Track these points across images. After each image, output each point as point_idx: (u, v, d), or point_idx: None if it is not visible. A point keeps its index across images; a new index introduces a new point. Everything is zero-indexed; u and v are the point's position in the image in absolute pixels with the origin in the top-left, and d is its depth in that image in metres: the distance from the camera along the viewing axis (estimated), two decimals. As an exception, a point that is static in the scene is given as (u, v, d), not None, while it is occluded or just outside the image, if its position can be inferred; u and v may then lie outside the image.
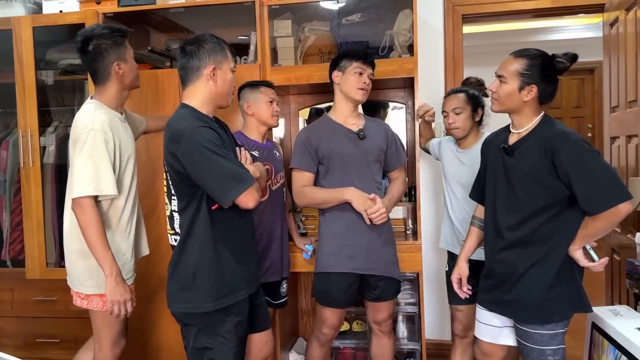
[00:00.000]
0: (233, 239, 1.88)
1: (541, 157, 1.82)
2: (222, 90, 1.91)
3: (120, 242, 2.09)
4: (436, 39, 3.22)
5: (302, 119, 3.36)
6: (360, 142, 2.36)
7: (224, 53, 1.90)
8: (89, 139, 1.96)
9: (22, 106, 2.94)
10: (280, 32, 2.93)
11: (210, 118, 1.91)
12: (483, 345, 2.11)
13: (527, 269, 1.87)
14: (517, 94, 1.87)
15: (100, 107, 2.07)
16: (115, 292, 1.97)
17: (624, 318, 1.99)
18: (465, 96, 2.45)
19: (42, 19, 2.95)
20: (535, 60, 1.87)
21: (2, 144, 3.16)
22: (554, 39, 6.58)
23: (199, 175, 1.77)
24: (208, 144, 1.74)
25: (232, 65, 1.93)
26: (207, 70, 1.86)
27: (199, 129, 1.77)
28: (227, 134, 1.99)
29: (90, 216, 1.94)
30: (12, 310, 3.13)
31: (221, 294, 1.84)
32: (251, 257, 1.98)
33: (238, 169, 1.78)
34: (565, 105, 7.36)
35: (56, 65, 3.11)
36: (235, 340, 1.87)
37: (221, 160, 1.74)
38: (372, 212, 2.23)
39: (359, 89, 2.33)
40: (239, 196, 1.74)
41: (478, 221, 2.15)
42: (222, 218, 1.85)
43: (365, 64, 2.35)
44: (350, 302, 2.38)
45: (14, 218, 3.13)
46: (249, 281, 1.94)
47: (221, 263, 1.85)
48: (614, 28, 2.84)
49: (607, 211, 1.71)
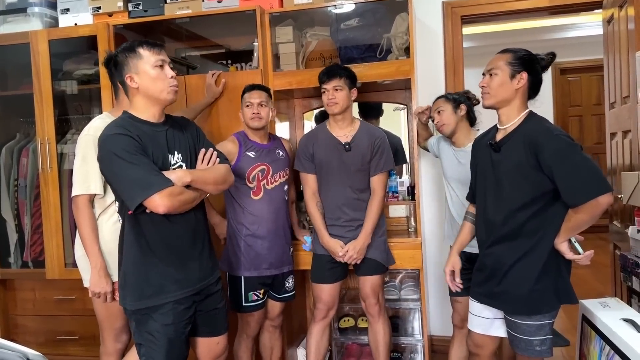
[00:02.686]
0: (159, 241, 1.89)
1: (526, 152, 1.88)
2: (149, 90, 1.90)
3: (108, 240, 2.19)
4: (436, 41, 3.28)
5: (307, 122, 3.46)
6: (345, 154, 2.57)
7: (136, 56, 1.89)
8: (81, 143, 2.18)
9: (40, 115, 3.10)
10: (282, 38, 3.03)
11: (148, 122, 1.92)
12: (475, 336, 2.17)
13: (515, 262, 1.93)
14: (509, 83, 1.94)
15: (104, 117, 2.24)
16: (96, 285, 2.16)
17: (611, 310, 2.03)
18: (444, 98, 2.60)
19: (57, 32, 3.11)
20: (519, 52, 1.97)
21: (22, 152, 3.34)
22: (568, 37, 6.57)
23: (110, 181, 1.88)
24: (118, 151, 1.78)
25: (152, 60, 1.89)
26: (127, 80, 1.90)
27: (113, 136, 1.82)
28: (183, 133, 2.00)
29: (82, 213, 2.15)
30: (34, 309, 3.30)
31: (144, 295, 1.88)
32: (187, 260, 1.95)
33: (146, 175, 1.77)
34: (585, 103, 7.32)
35: (72, 76, 3.27)
36: (164, 340, 1.88)
37: (128, 167, 1.77)
38: (345, 260, 2.57)
39: (328, 106, 2.56)
40: (144, 201, 1.76)
41: (471, 216, 2.22)
42: (146, 221, 1.87)
43: (326, 82, 2.54)
44: (334, 278, 2.66)
45: (34, 221, 3.29)
46: (183, 284, 1.92)
47: (145, 264, 1.89)
48: (610, 25, 2.87)
49: (587, 203, 1.77)
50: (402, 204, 3.18)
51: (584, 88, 7.31)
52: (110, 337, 2.29)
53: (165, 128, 1.95)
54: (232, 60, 3.35)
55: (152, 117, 1.93)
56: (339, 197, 2.59)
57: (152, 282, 1.89)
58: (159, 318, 1.88)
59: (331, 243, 2.58)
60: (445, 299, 3.12)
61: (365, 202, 2.61)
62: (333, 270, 2.65)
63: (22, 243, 3.35)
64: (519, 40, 6.53)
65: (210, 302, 2.05)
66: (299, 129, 3.42)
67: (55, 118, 3.14)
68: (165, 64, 1.91)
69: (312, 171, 2.63)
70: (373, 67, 2.83)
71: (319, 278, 2.67)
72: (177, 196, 1.80)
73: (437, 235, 3.28)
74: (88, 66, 3.26)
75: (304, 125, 3.43)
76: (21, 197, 3.33)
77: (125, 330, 2.32)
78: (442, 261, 3.20)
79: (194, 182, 1.88)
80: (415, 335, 3.04)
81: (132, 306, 1.90)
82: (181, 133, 2.00)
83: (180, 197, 1.82)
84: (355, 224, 2.59)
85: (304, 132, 3.41)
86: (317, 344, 2.70)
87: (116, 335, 2.30)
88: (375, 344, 2.70)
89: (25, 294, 3.31)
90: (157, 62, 1.89)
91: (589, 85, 7.30)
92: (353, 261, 2.58)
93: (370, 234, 2.57)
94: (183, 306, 1.92)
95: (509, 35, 6.45)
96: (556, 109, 7.09)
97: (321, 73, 2.58)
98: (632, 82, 2.43)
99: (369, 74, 2.82)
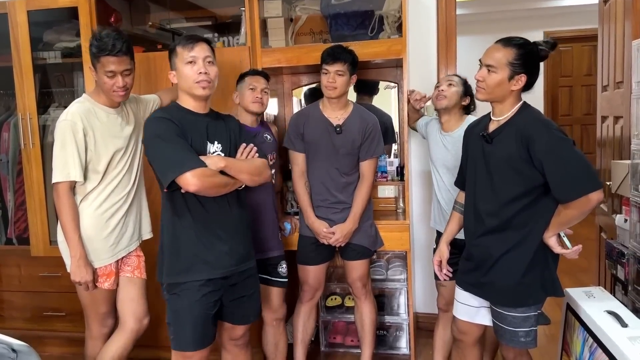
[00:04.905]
0: (192, 223, 1.99)
1: (517, 145, 1.86)
2: (182, 85, 2.02)
3: (88, 227, 2.17)
4: (428, 17, 3.20)
5: (296, 99, 3.39)
6: (335, 136, 2.53)
7: (174, 54, 2.00)
8: (59, 129, 2.12)
9: (20, 89, 3.00)
10: (270, 12, 2.93)
11: (192, 111, 2.02)
12: (460, 323, 2.19)
13: (504, 254, 1.93)
14: (507, 83, 1.89)
15: (83, 101, 2.19)
16: (76, 274, 2.13)
17: (596, 300, 2.05)
18: (460, 79, 2.54)
19: (36, 3, 2.96)
20: (523, 49, 1.89)
21: (3, 126, 3.25)
22: (555, 6, 6.45)
23: (151, 161, 1.95)
24: (158, 132, 1.92)
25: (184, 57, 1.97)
26: (170, 77, 2.05)
27: (155, 119, 1.97)
28: (225, 126, 2.11)
29: (63, 201, 2.11)
30: (20, 285, 3.27)
31: (174, 270, 2.00)
32: (218, 244, 2.03)
33: (181, 155, 1.87)
34: (576, 73, 7.28)
35: (53, 48, 3.15)
36: (189, 317, 1.98)
37: (166, 147, 1.89)
38: (330, 242, 2.57)
39: (327, 89, 2.49)
40: (177, 178, 1.84)
41: (459, 206, 2.21)
42: (179, 200, 1.98)
43: (329, 63, 2.45)
44: (320, 260, 2.67)
45: (18, 198, 3.24)
46: (214, 266, 2.01)
47: (177, 242, 2.01)
48: (607, 6, 2.81)
49: (578, 200, 1.76)
50: (391, 185, 3.17)
51: (575, 58, 7.25)
52: (95, 322, 2.28)
53: (207, 119, 2.05)
54: (218, 33, 3.25)
55: (194, 108, 2.04)
56: (325, 178, 2.58)
57: (182, 259, 1.99)
58: (186, 295, 1.98)
59: (316, 224, 2.57)
60: (431, 279, 3.16)
61: (352, 185, 2.60)
62: (319, 252, 2.65)
63: (6, 220, 3.30)
64: (511, 7, 6.44)
65: (238, 290, 2.11)
66: (288, 106, 3.36)
67: (37, 91, 3.05)
68: (198, 59, 1.96)
69: (302, 150, 2.61)
70: (364, 46, 2.75)
71: (305, 259, 2.68)
72: (208, 177, 1.88)
73: (425, 216, 3.28)
74: (70, 37, 3.15)
75: (292, 103, 3.37)
76: (3, 172, 3.26)
77: (111, 315, 2.32)
78: (429, 243, 3.23)
79: (227, 168, 1.95)
80: (401, 315, 3.07)
81: (164, 280, 2.02)
82: (223, 126, 2.10)
83: (212, 180, 1.89)
84: (341, 207, 2.58)
85: (293, 109, 3.36)
86: (304, 325, 2.73)
87: (101, 320, 2.29)
88: (361, 324, 2.74)
89: (10, 270, 3.27)
90: (188, 59, 1.96)
91: (580, 55, 7.23)
92: (338, 244, 2.58)
93: (358, 219, 2.57)
94: (210, 288, 2.00)
95: (501, 3, 6.34)
96: (547, 79, 7.04)
97: (325, 53, 2.48)
98: (627, 70, 2.39)
99: (360, 53, 2.70)
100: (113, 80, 2.11)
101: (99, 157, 2.16)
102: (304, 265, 2.68)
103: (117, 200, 2.23)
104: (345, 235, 2.55)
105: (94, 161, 2.16)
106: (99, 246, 2.19)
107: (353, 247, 2.62)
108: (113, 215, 2.22)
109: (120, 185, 2.24)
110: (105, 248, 2.21)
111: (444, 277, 2.23)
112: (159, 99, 2.50)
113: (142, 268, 2.36)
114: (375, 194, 3.08)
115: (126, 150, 2.25)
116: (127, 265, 2.32)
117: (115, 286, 2.27)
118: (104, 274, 2.22)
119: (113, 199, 2.22)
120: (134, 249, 2.33)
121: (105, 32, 2.11)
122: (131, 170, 2.28)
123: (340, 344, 3.14)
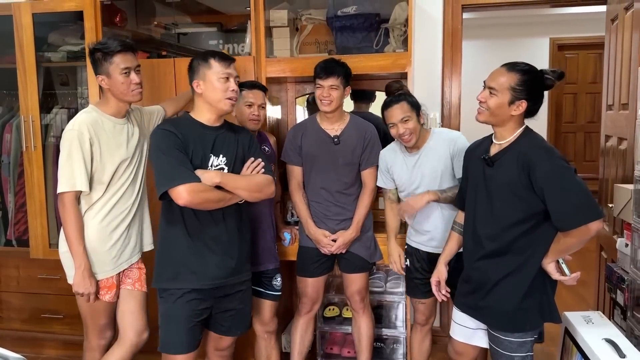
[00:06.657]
0: (183, 230, 2.05)
1: (519, 171, 1.85)
2: (209, 97, 2.07)
3: (93, 239, 2.17)
4: (434, 30, 3.20)
5: (300, 108, 3.38)
6: (334, 147, 2.54)
7: (207, 66, 2.05)
8: (65, 138, 2.12)
9: (23, 91, 3.00)
10: (276, 22, 2.92)
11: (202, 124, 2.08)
12: (456, 344, 2.19)
13: (502, 278, 1.93)
14: (507, 108, 1.88)
15: (90, 111, 2.18)
16: (80, 285, 2.14)
17: (594, 326, 2.05)
18: (407, 103, 2.33)
19: (42, 6, 2.96)
20: (526, 75, 1.88)
21: (6, 127, 3.25)
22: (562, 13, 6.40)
23: (153, 169, 2.01)
24: (159, 144, 1.99)
25: (220, 72, 2.04)
26: (194, 85, 2.09)
27: (159, 130, 2.05)
28: (236, 140, 2.14)
29: (68, 211, 2.11)
30: (19, 286, 3.28)
31: (162, 277, 2.08)
32: (208, 256, 2.06)
33: (176, 168, 1.92)
34: (581, 80, 7.25)
35: (57, 50, 3.14)
36: (174, 323, 2.04)
37: (164, 159, 1.95)
38: (333, 250, 2.57)
39: (322, 104, 2.49)
40: (169, 190, 1.90)
41: (458, 226, 2.20)
42: (175, 209, 2.03)
43: (322, 78, 2.45)
44: (318, 272, 2.66)
45: (18, 199, 3.24)
46: (200, 276, 2.05)
47: (168, 249, 2.08)
48: (614, 25, 2.79)
49: (578, 228, 1.76)
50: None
51: (580, 65, 7.22)
52: (94, 333, 2.28)
53: (217, 132, 2.09)
54: (224, 41, 3.23)
55: (207, 121, 2.09)
56: (324, 190, 2.58)
57: (171, 267, 2.06)
58: (171, 300, 2.04)
59: (317, 233, 2.57)
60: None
61: (351, 197, 2.60)
62: (319, 263, 2.65)
63: (6, 221, 3.30)
64: (518, 14, 6.39)
65: (228, 302, 2.15)
66: (291, 114, 3.35)
67: (40, 93, 3.05)
68: (232, 77, 2.06)
69: (299, 163, 2.63)
70: (369, 59, 2.75)
71: (305, 271, 2.67)
72: (199, 192, 1.91)
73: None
74: (74, 40, 3.14)
75: (296, 110, 3.36)
76: (4, 174, 3.26)
77: (110, 327, 2.32)
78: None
79: (223, 184, 1.99)
80: (398, 327, 3.07)
81: (153, 284, 2.10)
82: (233, 140, 2.13)
83: (204, 195, 1.93)
84: (340, 218, 2.58)
85: (296, 116, 3.35)
86: (302, 337, 2.73)
87: (100, 332, 2.29)
88: (358, 337, 2.74)
89: (9, 271, 3.28)
90: (224, 75, 2.04)
91: (585, 62, 7.21)
92: (339, 251, 2.58)
93: (360, 226, 2.58)
94: (198, 297, 2.05)
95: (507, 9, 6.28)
96: (552, 86, 6.99)
97: (318, 67, 2.48)
98: (632, 94, 2.38)
99: (365, 66, 2.73)
100: (129, 77, 2.14)
101: (104, 168, 2.16)
102: (303, 277, 2.67)
103: (121, 212, 2.23)
104: (347, 242, 2.56)
105: (99, 171, 2.16)
106: (103, 258, 2.19)
107: (350, 258, 2.61)
108: (117, 226, 2.22)
109: (125, 196, 2.24)
110: (109, 260, 2.21)
111: (441, 297, 2.23)
112: (163, 109, 2.50)
113: (142, 281, 2.36)
114: (376, 206, 3.07)
115: (131, 161, 2.25)
116: (129, 278, 2.31)
117: (115, 299, 2.27)
118: (106, 286, 2.22)
119: (117, 210, 2.22)
120: (135, 261, 2.33)
121: (107, 37, 2.18)
122: (135, 182, 2.28)
123: (337, 354, 3.13)
